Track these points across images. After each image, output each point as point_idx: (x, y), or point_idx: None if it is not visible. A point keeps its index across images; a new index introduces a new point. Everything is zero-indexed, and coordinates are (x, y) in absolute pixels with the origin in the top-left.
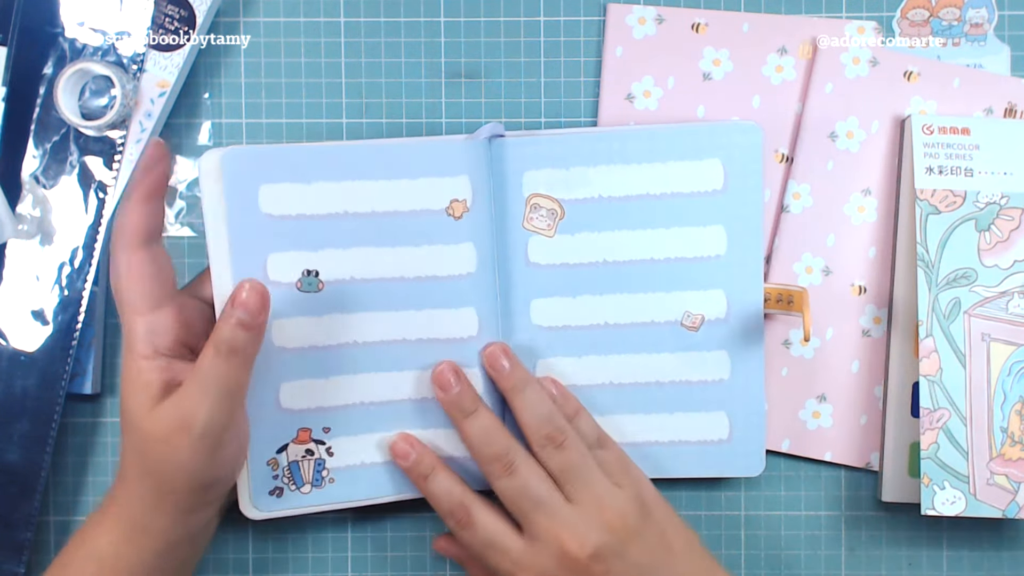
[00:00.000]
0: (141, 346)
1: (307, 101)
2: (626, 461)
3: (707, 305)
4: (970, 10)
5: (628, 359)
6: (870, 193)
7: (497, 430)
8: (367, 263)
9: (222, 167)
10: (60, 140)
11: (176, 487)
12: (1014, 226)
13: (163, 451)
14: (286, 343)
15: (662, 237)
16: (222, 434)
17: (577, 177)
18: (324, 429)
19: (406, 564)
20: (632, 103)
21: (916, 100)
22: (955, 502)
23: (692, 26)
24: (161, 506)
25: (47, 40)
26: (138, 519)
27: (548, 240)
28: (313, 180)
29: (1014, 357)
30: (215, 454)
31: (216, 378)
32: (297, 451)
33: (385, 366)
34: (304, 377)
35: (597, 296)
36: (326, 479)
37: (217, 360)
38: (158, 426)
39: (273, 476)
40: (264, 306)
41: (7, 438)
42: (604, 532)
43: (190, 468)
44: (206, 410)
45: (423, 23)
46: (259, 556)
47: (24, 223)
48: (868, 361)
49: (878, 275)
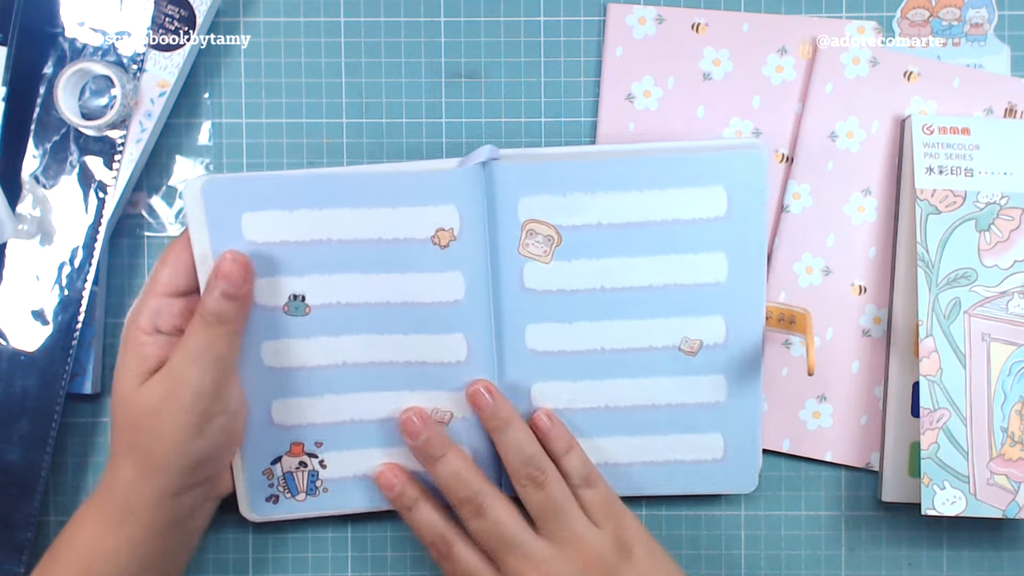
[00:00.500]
0: (144, 321)
1: (307, 101)
2: (612, 500)
3: (706, 331)
4: (970, 10)
5: (624, 383)
6: (870, 193)
7: (467, 472)
8: (353, 288)
9: (203, 196)
10: (60, 140)
11: (164, 464)
12: (1014, 226)
13: (152, 424)
14: (275, 363)
15: (661, 264)
16: (210, 405)
17: (575, 203)
18: (316, 443)
19: (406, 564)
20: (632, 103)
21: (916, 100)
22: (955, 502)
23: (692, 26)
24: (146, 487)
25: (47, 40)
26: (124, 502)
27: (544, 266)
28: (295, 208)
29: (1014, 357)
30: (204, 427)
31: (203, 347)
32: (291, 463)
33: (374, 386)
34: (294, 396)
35: (594, 322)
36: (320, 488)
37: (204, 330)
38: (147, 398)
39: (269, 485)
40: (246, 276)
41: (7, 438)
42: (579, 572)
43: (178, 441)
44: (194, 379)
45: (423, 23)
46: (259, 556)
47: (24, 223)
48: (868, 361)
49: (878, 275)
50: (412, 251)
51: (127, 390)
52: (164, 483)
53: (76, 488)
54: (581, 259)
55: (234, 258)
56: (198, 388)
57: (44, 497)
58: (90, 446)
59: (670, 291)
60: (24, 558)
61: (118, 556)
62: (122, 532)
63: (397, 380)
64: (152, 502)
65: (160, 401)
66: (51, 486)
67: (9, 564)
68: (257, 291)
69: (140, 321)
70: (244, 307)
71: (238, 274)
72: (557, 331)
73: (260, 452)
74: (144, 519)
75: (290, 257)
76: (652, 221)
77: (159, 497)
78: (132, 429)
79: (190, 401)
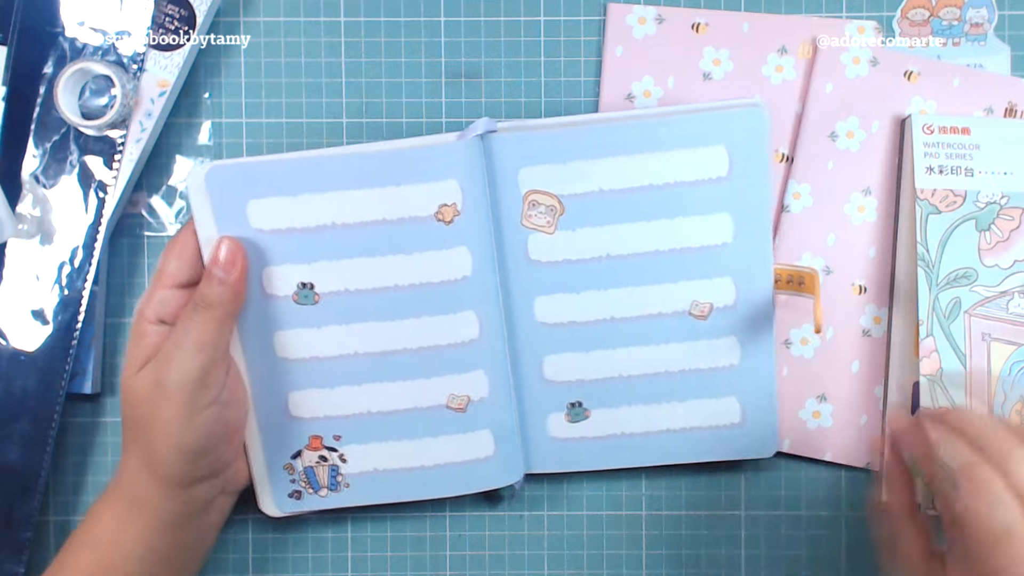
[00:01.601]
0: (150, 312)
1: (307, 101)
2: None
3: (715, 293)
4: (970, 10)
5: (636, 351)
6: (870, 193)
7: None
8: (361, 273)
9: (208, 185)
10: (60, 140)
11: (162, 455)
12: (1014, 226)
13: (145, 414)
14: (288, 354)
15: (666, 228)
16: (196, 392)
17: (575, 171)
18: (335, 437)
19: (406, 564)
20: (632, 103)
21: (916, 100)
22: None
23: (692, 26)
24: (152, 478)
25: (47, 40)
26: (134, 493)
27: (548, 237)
28: (299, 192)
29: (1014, 357)
30: (194, 416)
31: (188, 332)
32: (311, 457)
33: (388, 376)
34: (310, 387)
35: (602, 291)
36: (341, 483)
37: (192, 315)
38: (139, 387)
39: (291, 480)
40: (235, 261)
41: (7, 438)
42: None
43: (170, 430)
44: (176, 364)
45: (423, 23)
46: (259, 556)
47: (24, 223)
48: (868, 361)
49: (878, 275)
50: (417, 230)
51: (126, 380)
52: (167, 474)
53: (76, 488)
54: (585, 227)
55: (227, 244)
56: (181, 375)
57: (44, 497)
58: (90, 446)
59: (676, 255)
60: (24, 558)
61: (133, 548)
62: (135, 524)
63: (412, 368)
64: (161, 493)
65: (149, 390)
66: (51, 486)
67: (9, 564)
68: (266, 280)
69: (146, 312)
70: (235, 294)
71: (228, 258)
72: (565, 302)
73: (279, 446)
74: (155, 511)
75: (297, 244)
76: (654, 185)
77: (167, 489)
78: (133, 422)
79: (174, 389)
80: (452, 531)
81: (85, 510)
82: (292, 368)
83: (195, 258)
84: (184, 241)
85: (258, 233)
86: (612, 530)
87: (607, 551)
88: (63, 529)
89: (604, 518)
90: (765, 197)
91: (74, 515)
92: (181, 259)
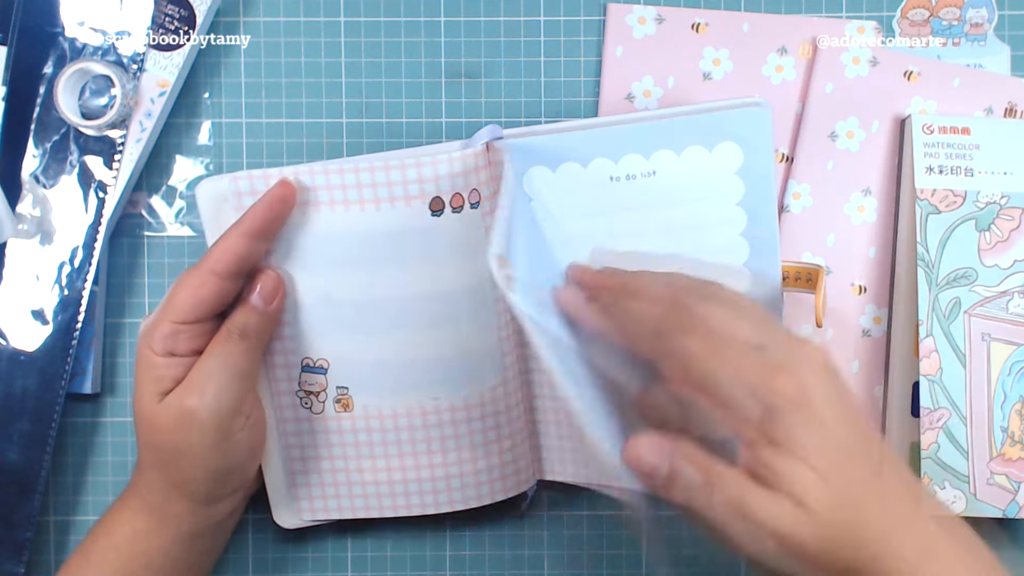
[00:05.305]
0: (158, 345)
1: (307, 101)
2: None
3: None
4: (970, 10)
5: None
6: (870, 193)
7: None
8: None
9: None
10: (60, 140)
11: (190, 477)
12: (1014, 226)
13: (173, 441)
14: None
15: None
16: (230, 420)
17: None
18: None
19: (406, 564)
20: (632, 103)
21: (916, 100)
22: (955, 502)
23: (692, 26)
24: (179, 495)
25: (47, 40)
26: (158, 507)
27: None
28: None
29: (1014, 357)
30: (225, 442)
31: (224, 361)
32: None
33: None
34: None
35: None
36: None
37: (227, 344)
38: (166, 416)
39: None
40: (276, 292)
41: (7, 438)
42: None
43: (201, 456)
44: (211, 394)
45: (423, 23)
46: (259, 556)
47: (24, 223)
48: (868, 361)
49: (878, 275)
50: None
51: (145, 409)
52: (194, 492)
53: (76, 488)
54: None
55: (268, 274)
56: (214, 404)
57: (44, 497)
58: (90, 446)
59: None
60: (24, 558)
61: (155, 559)
62: (160, 538)
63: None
64: (187, 509)
65: (178, 419)
66: (51, 486)
67: (9, 564)
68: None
69: (154, 344)
70: (269, 324)
71: (269, 289)
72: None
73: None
74: (182, 526)
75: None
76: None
77: (194, 505)
78: (156, 447)
79: (208, 418)
80: (452, 530)
81: (85, 510)
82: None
83: (212, 299)
84: (202, 282)
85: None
86: (612, 530)
87: (607, 551)
88: (63, 529)
89: (604, 518)
90: (771, 192)
91: (74, 515)
92: (196, 299)
